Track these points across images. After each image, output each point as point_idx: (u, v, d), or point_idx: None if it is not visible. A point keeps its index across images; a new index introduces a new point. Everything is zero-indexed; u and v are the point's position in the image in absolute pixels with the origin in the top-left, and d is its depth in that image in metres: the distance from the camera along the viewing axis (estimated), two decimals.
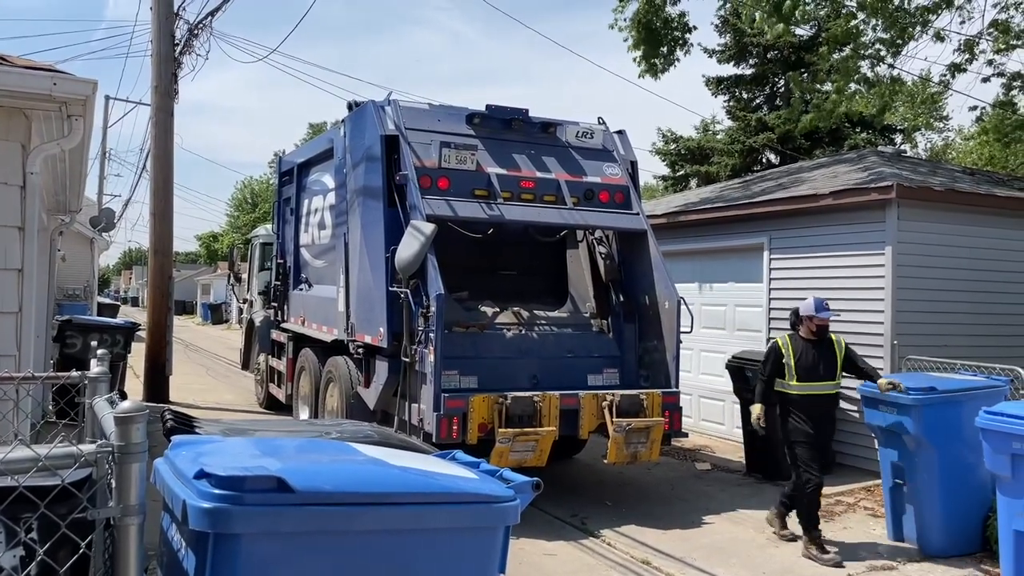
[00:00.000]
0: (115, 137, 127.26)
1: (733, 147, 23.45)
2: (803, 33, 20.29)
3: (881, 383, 6.29)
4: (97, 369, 3.59)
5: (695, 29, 12.80)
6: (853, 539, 6.71)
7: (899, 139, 25.52)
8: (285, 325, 11.41)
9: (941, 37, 11.84)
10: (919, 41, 11.59)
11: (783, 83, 23.46)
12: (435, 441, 6.58)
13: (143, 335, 13.79)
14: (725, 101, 24.81)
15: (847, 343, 6.65)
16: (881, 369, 7.94)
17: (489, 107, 8.37)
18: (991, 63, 13.11)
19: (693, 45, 12.99)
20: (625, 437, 7.10)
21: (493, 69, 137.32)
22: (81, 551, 2.25)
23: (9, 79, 4.83)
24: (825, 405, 6.52)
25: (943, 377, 6.72)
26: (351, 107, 8.65)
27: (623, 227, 8.51)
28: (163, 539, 2.75)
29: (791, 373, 6.42)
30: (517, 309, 8.29)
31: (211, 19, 13.67)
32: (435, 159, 7.71)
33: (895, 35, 11.48)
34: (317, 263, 10.34)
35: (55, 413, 5.64)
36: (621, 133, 9.03)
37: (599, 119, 8.95)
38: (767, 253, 9.95)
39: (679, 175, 25.83)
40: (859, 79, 12.40)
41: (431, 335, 6.84)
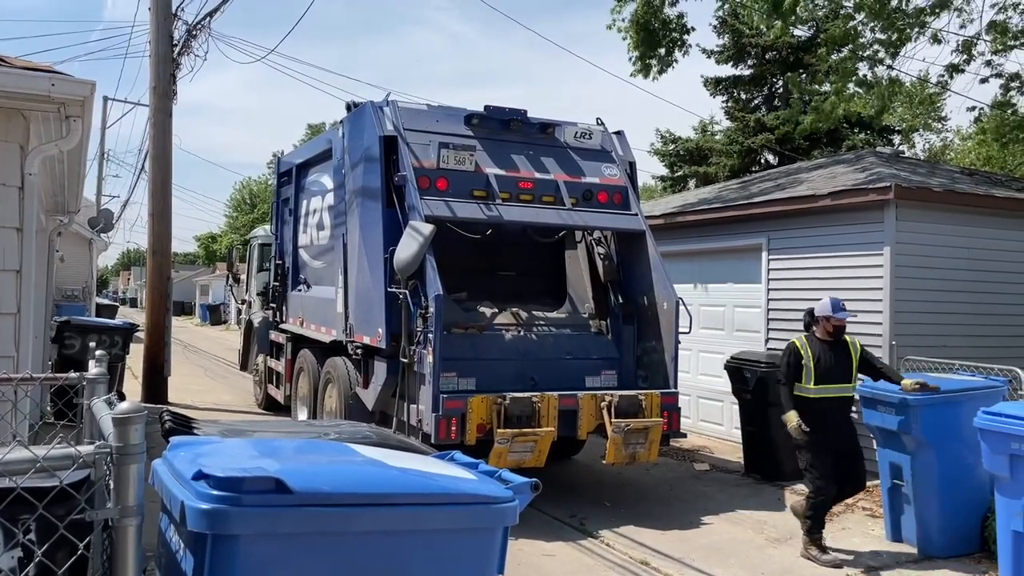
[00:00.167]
0: (113, 138, 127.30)
1: (731, 148, 23.48)
2: (801, 34, 20.33)
3: (906, 384, 6.15)
4: (95, 370, 3.59)
5: (693, 30, 12.84)
6: (851, 540, 6.71)
7: (897, 140, 25.56)
8: (284, 326, 11.41)
9: (939, 39, 11.85)
10: (917, 42, 11.62)
11: (781, 84, 23.49)
12: (433, 442, 6.57)
13: (141, 336, 13.78)
14: (723, 102, 24.86)
15: (862, 344, 6.48)
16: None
17: (487, 108, 8.37)
18: (989, 64, 13.12)
19: (691, 46, 13.02)
20: (624, 438, 7.11)
21: (492, 70, 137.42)
22: (79, 552, 2.25)
23: (7, 80, 4.83)
24: (842, 408, 6.37)
25: (941, 377, 6.73)
26: (350, 108, 8.65)
27: (622, 228, 8.52)
28: (161, 540, 2.74)
29: (809, 376, 6.25)
30: (516, 310, 8.30)
31: (209, 20, 13.68)
32: (434, 160, 7.71)
33: (893, 36, 11.49)
34: (316, 264, 10.33)
35: (53, 414, 5.63)
36: (620, 134, 9.04)
37: (597, 120, 8.95)
38: (765, 254, 9.95)
39: (677, 176, 25.86)
40: (857, 81, 12.42)
41: (430, 336, 6.84)
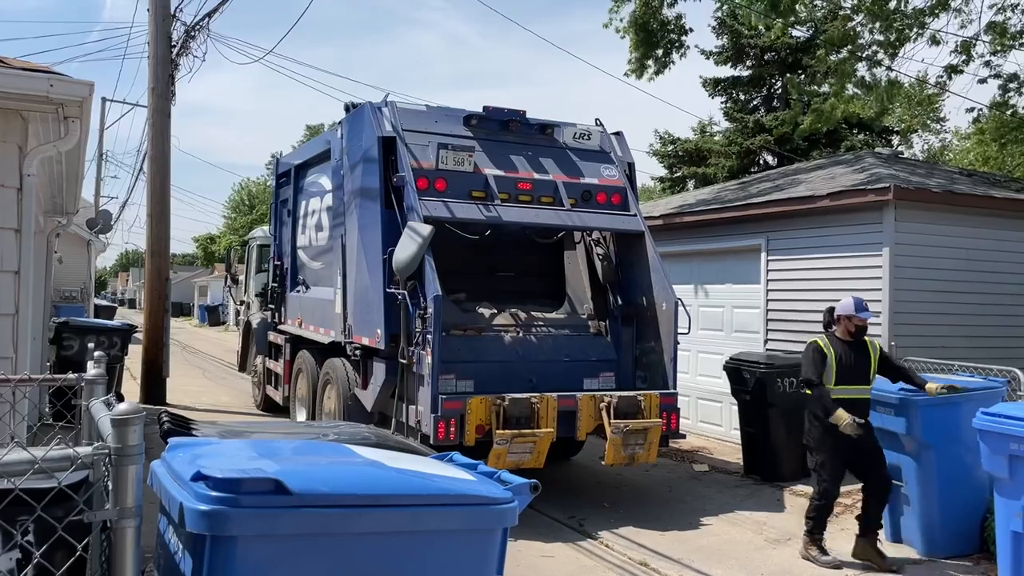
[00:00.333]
0: (112, 139, 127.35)
1: (730, 149, 23.48)
2: (800, 35, 20.32)
3: (931, 388, 6.05)
4: (94, 371, 3.58)
5: (691, 31, 12.86)
6: (851, 540, 6.70)
7: (896, 141, 25.57)
8: (282, 327, 11.40)
9: (937, 40, 11.86)
10: (916, 43, 11.62)
11: (780, 85, 23.50)
12: (432, 443, 6.57)
13: (140, 337, 13.76)
14: (722, 103, 24.85)
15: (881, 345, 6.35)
16: None
17: (486, 108, 8.37)
18: (988, 64, 13.13)
19: (689, 47, 13.04)
20: (623, 438, 7.10)
21: (491, 70, 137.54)
22: (78, 554, 2.25)
23: (6, 81, 4.83)
24: (861, 410, 6.21)
25: (941, 378, 6.72)
26: (348, 109, 8.65)
27: (620, 228, 8.51)
28: (160, 541, 2.74)
29: (830, 376, 6.13)
30: (515, 311, 8.30)
31: (208, 21, 13.66)
32: (432, 160, 7.70)
33: (892, 37, 11.49)
34: (314, 265, 10.32)
35: (52, 415, 5.63)
36: (618, 134, 9.04)
37: (596, 120, 8.94)
38: (764, 254, 9.95)
39: (676, 176, 25.84)
40: (856, 82, 12.42)
41: (429, 337, 6.84)
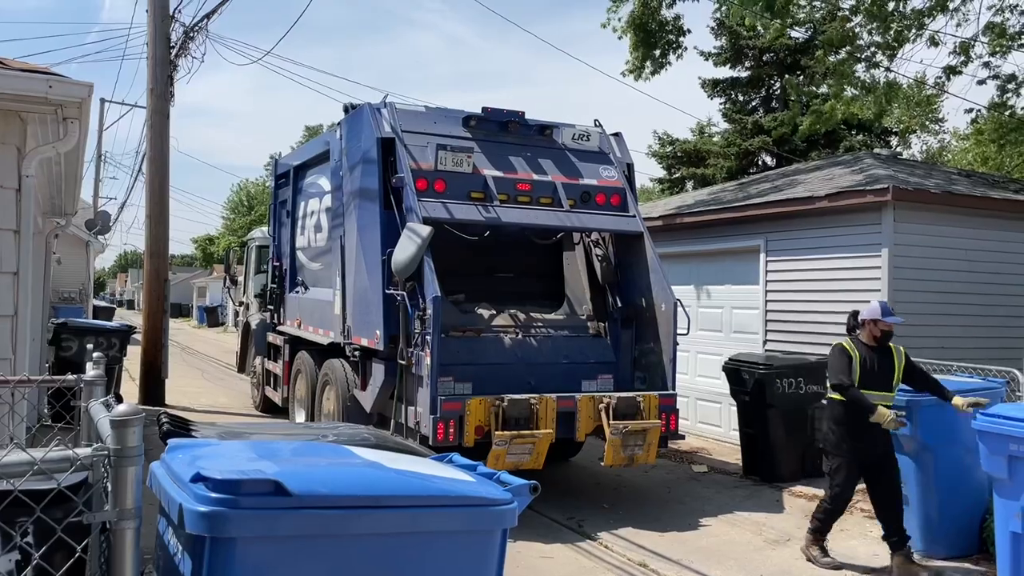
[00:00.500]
0: (111, 140, 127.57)
1: (729, 150, 23.50)
2: (799, 36, 20.35)
3: (957, 402, 5.82)
4: (93, 372, 3.58)
5: (689, 32, 12.89)
6: (850, 541, 6.71)
7: (895, 141, 25.57)
8: (281, 328, 11.39)
9: (936, 42, 11.86)
10: (915, 44, 11.63)
11: (779, 86, 23.51)
12: (432, 444, 6.56)
13: (139, 338, 13.76)
14: (721, 104, 24.90)
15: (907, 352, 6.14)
16: None
17: (485, 109, 8.38)
18: (987, 65, 13.14)
19: (686, 48, 13.05)
20: (622, 439, 7.10)
21: (490, 71, 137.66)
22: (77, 555, 2.25)
23: (5, 82, 4.83)
24: None
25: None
26: (347, 110, 8.65)
27: (619, 229, 8.52)
28: (159, 543, 2.74)
29: (853, 379, 5.94)
30: (514, 311, 8.30)
31: (207, 22, 13.65)
32: (431, 161, 7.71)
33: (891, 38, 11.50)
34: (313, 266, 10.32)
35: (51, 416, 5.61)
36: (617, 135, 9.04)
37: (595, 121, 8.95)
38: (763, 255, 9.96)
39: (675, 177, 25.87)
40: (855, 83, 12.42)
41: (428, 338, 6.84)
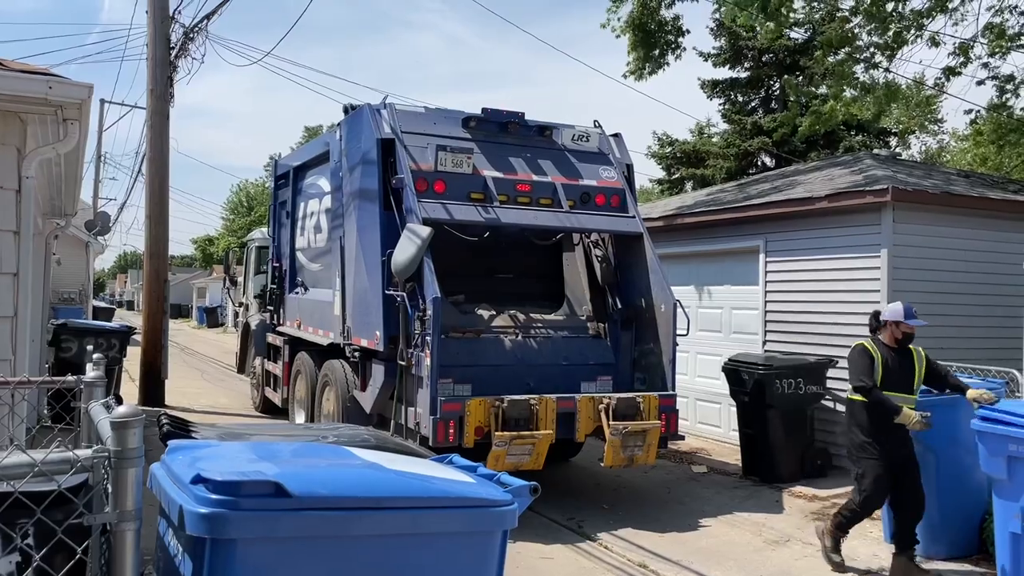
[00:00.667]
0: (110, 140, 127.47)
1: (728, 150, 23.49)
2: (798, 37, 20.35)
3: (971, 395, 5.81)
4: (93, 373, 3.58)
5: (688, 32, 12.90)
6: (850, 542, 6.69)
7: (894, 142, 25.58)
8: (281, 329, 11.39)
9: (936, 42, 11.86)
10: (914, 45, 11.63)
11: (778, 87, 23.51)
12: (431, 445, 6.57)
13: (138, 339, 13.76)
14: (720, 104, 24.88)
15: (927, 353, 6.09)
16: None
17: (485, 110, 8.38)
18: (986, 66, 13.15)
19: (685, 49, 13.07)
20: (622, 440, 7.11)
21: (489, 72, 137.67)
22: (77, 557, 2.24)
23: (4, 83, 4.83)
24: None
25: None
26: (347, 110, 8.66)
27: (619, 230, 8.52)
28: (159, 544, 2.74)
29: (875, 381, 5.88)
30: (514, 312, 8.30)
31: (206, 23, 13.66)
32: (431, 162, 7.71)
33: (890, 39, 11.50)
34: (313, 266, 10.32)
35: (51, 418, 5.61)
36: (617, 136, 9.04)
37: (595, 122, 8.95)
38: (763, 256, 9.96)
39: (675, 178, 25.86)
40: (854, 83, 12.43)
41: (427, 338, 6.84)
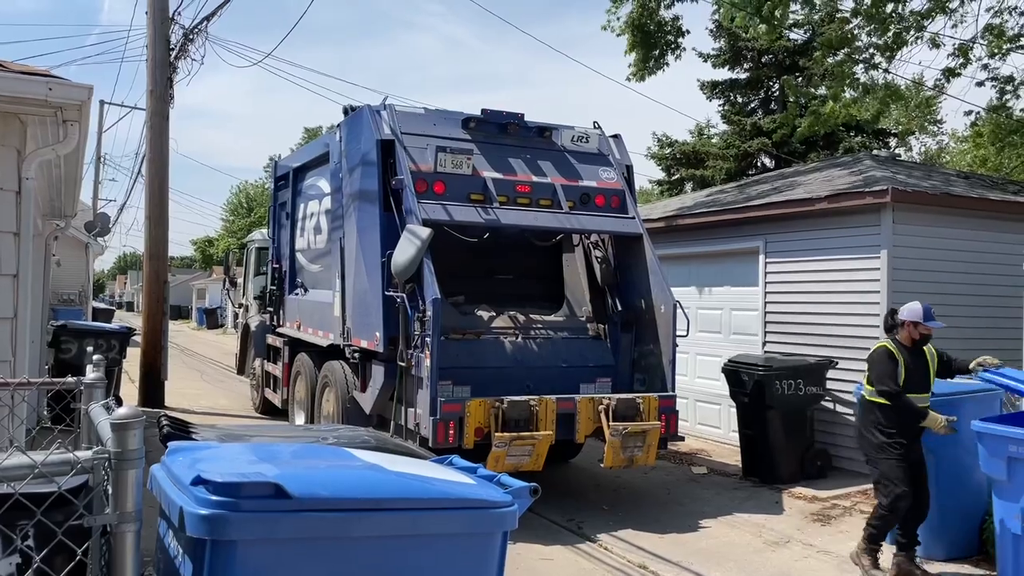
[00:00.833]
0: (110, 142, 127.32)
1: (728, 151, 23.49)
2: (797, 37, 20.35)
3: (973, 363, 5.96)
4: (93, 375, 3.57)
5: (688, 33, 12.91)
6: (850, 543, 6.70)
7: (893, 143, 25.59)
8: (281, 330, 11.40)
9: (937, 44, 11.87)
10: (914, 46, 11.63)
11: (778, 87, 23.51)
12: (431, 446, 6.57)
13: (138, 340, 13.75)
14: (720, 105, 24.87)
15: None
16: None
17: (485, 111, 8.38)
18: (986, 67, 13.16)
19: (685, 49, 13.07)
20: (621, 441, 7.11)
21: (489, 73, 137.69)
22: (77, 558, 2.24)
23: (4, 84, 4.83)
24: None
25: (939, 380, 6.72)
26: (347, 112, 8.66)
27: (619, 231, 8.52)
28: (159, 545, 2.74)
29: (897, 382, 5.84)
30: (513, 313, 8.31)
31: (206, 24, 13.66)
32: (431, 163, 7.71)
33: (890, 40, 11.51)
34: (313, 267, 10.32)
35: (50, 419, 5.61)
36: (616, 137, 9.05)
37: (594, 123, 8.96)
38: (763, 257, 9.96)
39: (674, 179, 25.86)
40: (853, 83, 12.43)
41: (427, 339, 6.84)
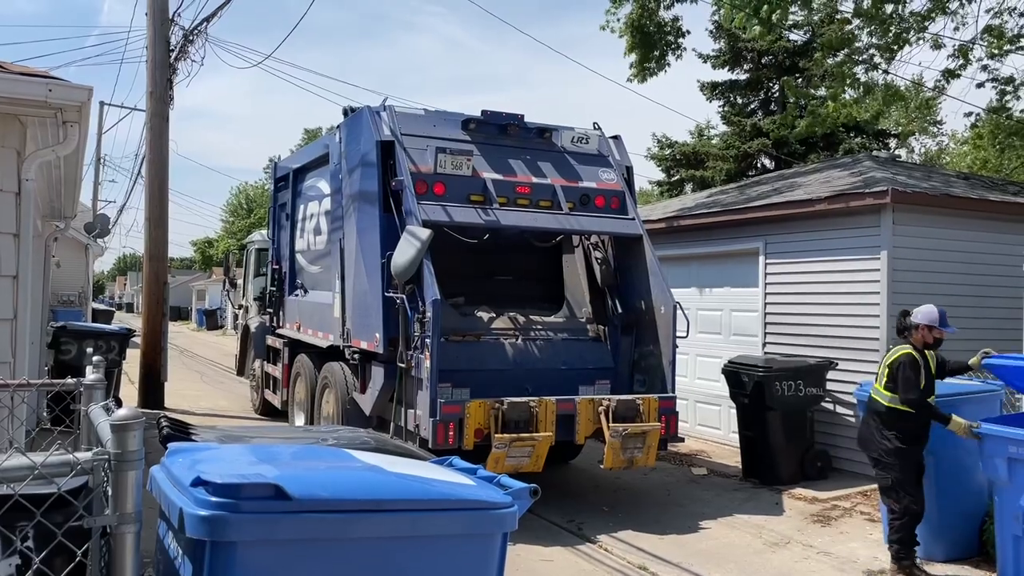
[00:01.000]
0: (110, 143, 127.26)
1: (728, 152, 23.49)
2: (797, 38, 20.36)
3: (973, 361, 5.99)
4: (93, 376, 3.57)
5: (688, 34, 12.90)
6: (850, 544, 6.72)
7: (893, 144, 25.59)
8: (280, 331, 11.39)
9: (939, 44, 11.87)
10: (914, 47, 11.63)
11: (778, 88, 23.52)
12: (431, 447, 6.56)
13: (138, 341, 13.75)
14: (720, 106, 24.86)
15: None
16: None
17: (484, 112, 8.38)
18: (986, 68, 13.16)
19: (685, 50, 13.07)
20: (621, 442, 7.11)
21: (488, 74, 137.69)
22: (77, 559, 2.24)
23: (4, 85, 4.83)
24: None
25: (939, 382, 6.72)
26: (347, 113, 8.66)
27: (619, 232, 8.52)
28: (159, 547, 2.74)
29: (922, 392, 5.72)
30: (513, 314, 8.30)
31: (206, 25, 13.67)
32: (431, 164, 7.71)
33: (890, 41, 11.51)
34: (313, 268, 10.32)
35: (50, 420, 5.61)
36: (616, 138, 9.05)
37: (594, 124, 8.96)
38: (763, 258, 9.96)
39: (674, 180, 25.87)
40: (854, 83, 12.43)
41: (427, 341, 6.84)
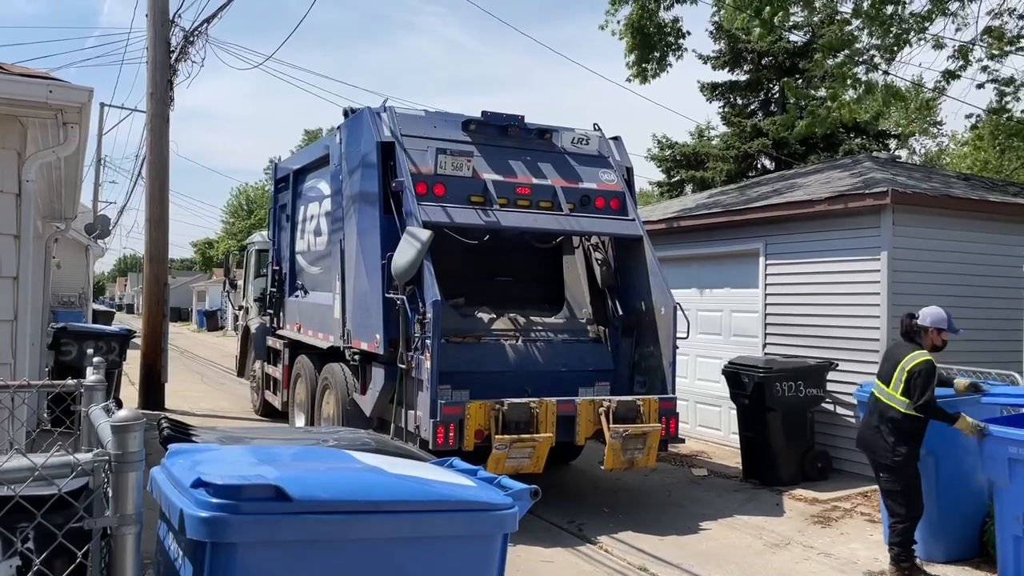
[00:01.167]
0: (110, 144, 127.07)
1: (728, 153, 23.51)
2: (797, 39, 20.37)
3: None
4: (93, 377, 3.57)
5: (688, 34, 12.90)
6: (851, 545, 6.71)
7: (893, 145, 25.60)
8: (281, 332, 11.39)
9: (940, 45, 11.86)
10: (914, 47, 11.62)
11: (778, 89, 23.52)
12: (432, 448, 6.56)
13: (138, 342, 13.75)
14: (720, 107, 24.89)
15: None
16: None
17: (485, 113, 8.38)
18: (985, 69, 13.15)
19: (686, 50, 13.06)
20: (622, 443, 7.10)
21: (488, 75, 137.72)
22: (78, 561, 2.24)
23: (5, 86, 4.83)
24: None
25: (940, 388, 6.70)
26: (347, 114, 8.67)
27: (619, 233, 8.52)
28: (160, 548, 2.74)
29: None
30: (514, 315, 8.31)
31: (207, 26, 13.67)
32: (431, 165, 7.71)
33: (890, 42, 11.51)
34: (313, 270, 10.32)
35: (51, 421, 5.61)
36: (616, 139, 9.05)
37: (595, 125, 8.96)
38: (763, 259, 9.96)
39: (674, 181, 25.89)
40: (854, 83, 12.43)
41: (428, 342, 6.84)
